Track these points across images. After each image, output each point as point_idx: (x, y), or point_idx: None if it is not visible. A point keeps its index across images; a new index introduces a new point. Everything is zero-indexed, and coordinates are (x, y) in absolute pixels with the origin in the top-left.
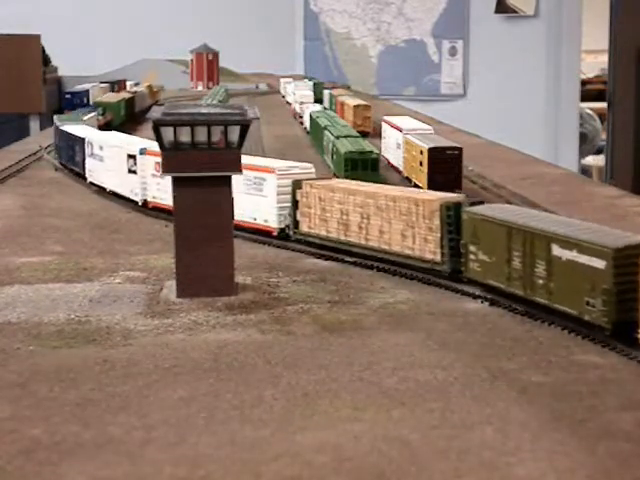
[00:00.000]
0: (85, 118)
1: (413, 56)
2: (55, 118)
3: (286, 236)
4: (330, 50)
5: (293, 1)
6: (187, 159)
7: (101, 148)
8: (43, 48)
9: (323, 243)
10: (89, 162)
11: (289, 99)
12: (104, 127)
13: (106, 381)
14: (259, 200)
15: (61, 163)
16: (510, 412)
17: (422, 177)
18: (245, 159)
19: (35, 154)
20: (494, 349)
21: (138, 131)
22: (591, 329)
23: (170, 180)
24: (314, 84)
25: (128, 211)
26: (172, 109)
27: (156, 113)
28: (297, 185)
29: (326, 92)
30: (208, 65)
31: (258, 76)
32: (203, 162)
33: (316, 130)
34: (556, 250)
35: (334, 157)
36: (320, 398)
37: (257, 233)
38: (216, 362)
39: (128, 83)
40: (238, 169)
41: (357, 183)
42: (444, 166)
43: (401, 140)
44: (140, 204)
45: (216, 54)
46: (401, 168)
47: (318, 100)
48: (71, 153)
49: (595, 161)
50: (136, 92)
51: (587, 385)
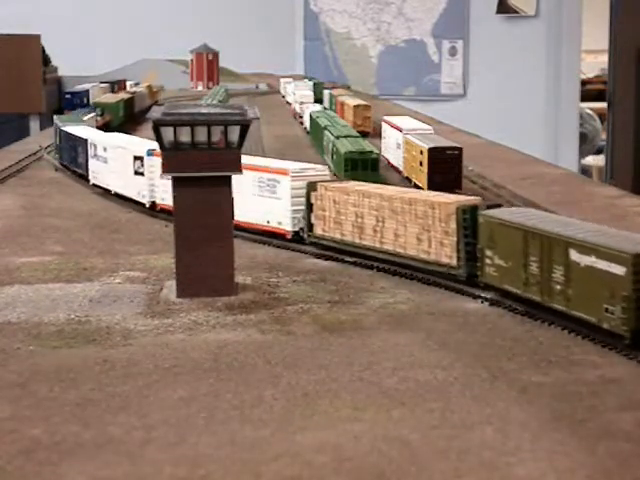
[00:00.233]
0: (84, 119)
1: (413, 56)
2: (55, 119)
3: (300, 239)
4: (330, 50)
5: (293, 1)
6: (187, 159)
7: (105, 149)
8: (43, 48)
9: (338, 246)
10: (92, 164)
11: (289, 99)
12: (103, 128)
13: (106, 381)
14: (272, 202)
15: (63, 164)
16: (510, 412)
17: (422, 177)
18: (258, 161)
19: (35, 154)
20: (494, 349)
21: (137, 132)
22: (610, 337)
23: None
24: (314, 84)
25: (128, 211)
26: (172, 109)
27: (156, 113)
28: (311, 187)
29: (326, 92)
30: (208, 65)
31: (258, 76)
32: (203, 162)
33: (316, 130)
34: (574, 255)
35: (334, 157)
36: (320, 398)
37: (270, 236)
38: (216, 362)
39: (128, 83)
40: (238, 169)
41: (372, 185)
42: (444, 166)
43: (401, 140)
44: (147, 206)
45: (216, 54)
46: (401, 168)
47: (318, 100)
48: (73, 154)
49: (595, 161)
50: (135, 92)
51: (587, 385)
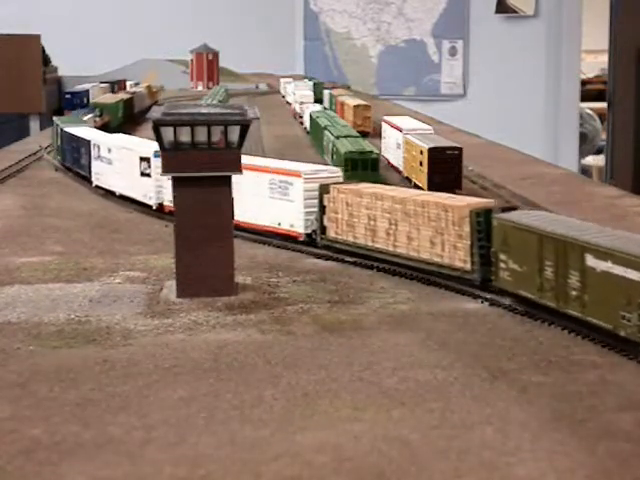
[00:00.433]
0: (84, 119)
1: (413, 56)
2: (55, 120)
3: (313, 242)
4: (330, 50)
5: (293, 1)
6: (187, 159)
7: (109, 151)
8: (43, 48)
9: (350, 249)
10: (95, 165)
11: (289, 99)
12: (101, 128)
13: (106, 381)
14: (284, 204)
15: (65, 166)
16: (510, 412)
17: (422, 177)
18: (270, 162)
19: (35, 154)
20: (494, 349)
21: (137, 132)
22: (627, 345)
23: None
24: (314, 84)
25: (128, 211)
26: (172, 109)
27: (156, 113)
28: (324, 189)
29: (326, 92)
30: (208, 65)
31: (258, 76)
32: (203, 162)
33: (316, 130)
34: (590, 260)
35: (334, 157)
36: (320, 398)
37: (282, 238)
38: (216, 362)
39: (128, 83)
40: (238, 169)
41: (385, 187)
42: (444, 166)
43: (401, 140)
44: (154, 208)
45: (216, 54)
46: (401, 168)
47: (318, 100)
48: (76, 155)
49: (595, 161)
50: (135, 93)
51: (587, 385)
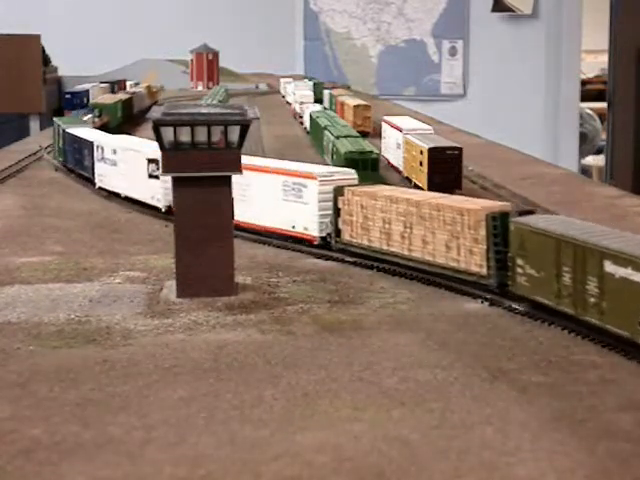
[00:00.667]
0: (84, 120)
1: (413, 56)
2: (55, 120)
3: (327, 245)
4: (330, 50)
5: (293, 1)
6: (187, 159)
7: (114, 152)
8: (43, 48)
9: (365, 253)
10: (99, 166)
11: (289, 99)
12: (100, 129)
13: (106, 381)
14: (298, 207)
15: (67, 167)
16: (510, 412)
17: (422, 177)
18: (283, 164)
19: (35, 154)
20: (494, 349)
21: (136, 133)
22: None
23: None
24: (314, 84)
25: (128, 211)
26: (172, 109)
27: (156, 113)
28: (339, 192)
29: (326, 92)
30: (208, 65)
31: (258, 76)
32: (203, 162)
33: (316, 130)
34: (609, 266)
35: (334, 157)
36: (320, 398)
37: (295, 241)
38: (216, 362)
39: (128, 83)
40: (238, 169)
41: (401, 190)
42: (444, 166)
43: (401, 140)
44: (163, 210)
45: (216, 54)
46: (401, 168)
47: (318, 100)
48: (78, 157)
49: (595, 161)
50: (134, 93)
51: (587, 385)
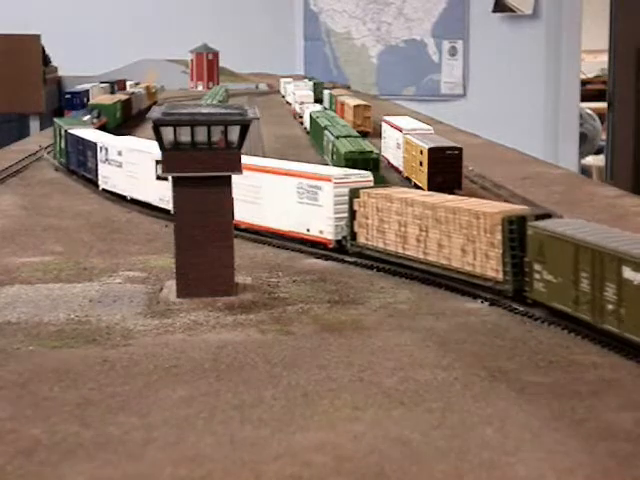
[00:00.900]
0: (84, 120)
1: (413, 56)
2: (56, 121)
3: (342, 248)
4: (330, 50)
5: (293, 1)
6: (187, 159)
7: (120, 153)
8: (43, 48)
9: (380, 256)
10: (103, 168)
11: (289, 99)
12: (99, 130)
13: (106, 381)
14: (313, 210)
15: (69, 169)
16: (510, 412)
17: (422, 177)
18: (298, 166)
19: (35, 154)
20: (494, 349)
21: (136, 133)
22: None
23: None
24: (314, 84)
25: (128, 211)
26: (172, 109)
27: (156, 113)
28: (354, 194)
29: (326, 92)
30: (208, 65)
31: (258, 76)
32: (203, 162)
33: (316, 130)
34: (627, 273)
35: (334, 157)
36: (320, 398)
37: (310, 244)
38: (216, 362)
39: (128, 83)
40: (238, 169)
41: (416, 192)
42: (444, 166)
43: (401, 140)
44: (172, 212)
45: (216, 54)
46: (401, 168)
47: (318, 100)
48: (82, 158)
49: (595, 161)
50: (133, 93)
51: (587, 385)
